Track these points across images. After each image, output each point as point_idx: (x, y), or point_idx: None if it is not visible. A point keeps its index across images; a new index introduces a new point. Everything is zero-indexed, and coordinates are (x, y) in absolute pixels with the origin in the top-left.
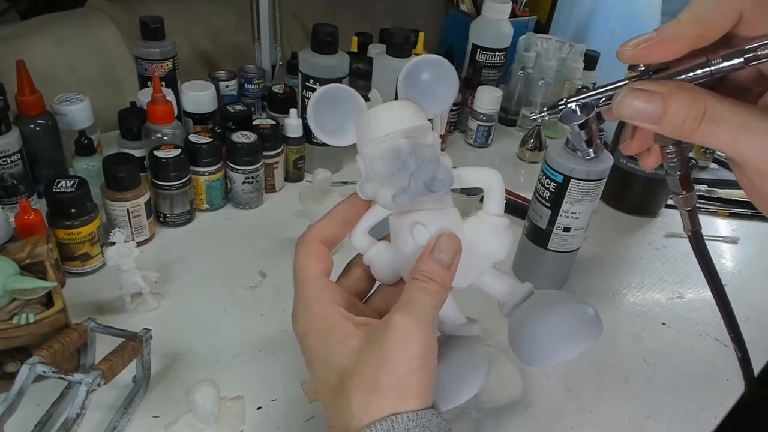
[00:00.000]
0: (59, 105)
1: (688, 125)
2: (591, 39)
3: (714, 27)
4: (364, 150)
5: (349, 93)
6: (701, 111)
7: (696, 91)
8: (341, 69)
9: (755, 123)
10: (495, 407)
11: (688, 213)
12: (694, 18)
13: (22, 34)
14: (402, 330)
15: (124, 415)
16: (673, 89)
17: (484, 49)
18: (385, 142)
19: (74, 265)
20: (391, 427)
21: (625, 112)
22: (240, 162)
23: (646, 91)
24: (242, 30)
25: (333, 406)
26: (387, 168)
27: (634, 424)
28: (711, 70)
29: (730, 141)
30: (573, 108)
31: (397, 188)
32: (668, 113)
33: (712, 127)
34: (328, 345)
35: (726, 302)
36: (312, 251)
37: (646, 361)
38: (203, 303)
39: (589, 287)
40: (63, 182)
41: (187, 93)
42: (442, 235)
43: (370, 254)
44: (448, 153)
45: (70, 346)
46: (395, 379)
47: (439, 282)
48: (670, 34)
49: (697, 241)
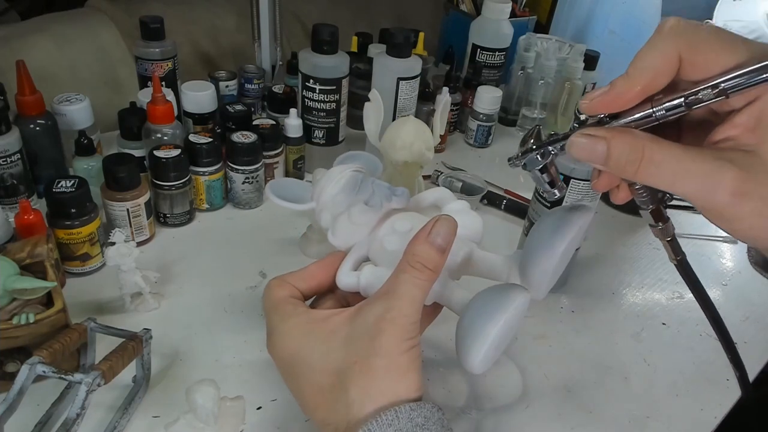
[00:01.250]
0: (59, 105)
1: (629, 167)
2: (591, 39)
3: (658, 75)
4: (326, 202)
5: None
6: (639, 155)
7: (636, 136)
8: (341, 69)
9: (691, 165)
10: (495, 407)
11: (668, 243)
12: (640, 70)
13: (22, 34)
14: (385, 320)
15: (124, 415)
16: (615, 134)
17: (484, 49)
18: (340, 182)
19: (74, 265)
20: (395, 417)
21: (576, 154)
22: (240, 162)
23: (592, 136)
24: (242, 30)
25: (328, 406)
26: (347, 195)
27: (634, 424)
28: (656, 116)
29: (669, 182)
30: (537, 156)
31: (364, 199)
32: (611, 156)
33: (651, 169)
34: (314, 347)
35: (722, 326)
36: (277, 284)
37: (646, 361)
38: (203, 303)
39: (589, 287)
40: (63, 182)
41: (187, 93)
42: (439, 218)
43: (364, 280)
44: (447, 153)
45: (70, 346)
46: (389, 361)
47: (431, 268)
48: (622, 88)
49: (684, 269)
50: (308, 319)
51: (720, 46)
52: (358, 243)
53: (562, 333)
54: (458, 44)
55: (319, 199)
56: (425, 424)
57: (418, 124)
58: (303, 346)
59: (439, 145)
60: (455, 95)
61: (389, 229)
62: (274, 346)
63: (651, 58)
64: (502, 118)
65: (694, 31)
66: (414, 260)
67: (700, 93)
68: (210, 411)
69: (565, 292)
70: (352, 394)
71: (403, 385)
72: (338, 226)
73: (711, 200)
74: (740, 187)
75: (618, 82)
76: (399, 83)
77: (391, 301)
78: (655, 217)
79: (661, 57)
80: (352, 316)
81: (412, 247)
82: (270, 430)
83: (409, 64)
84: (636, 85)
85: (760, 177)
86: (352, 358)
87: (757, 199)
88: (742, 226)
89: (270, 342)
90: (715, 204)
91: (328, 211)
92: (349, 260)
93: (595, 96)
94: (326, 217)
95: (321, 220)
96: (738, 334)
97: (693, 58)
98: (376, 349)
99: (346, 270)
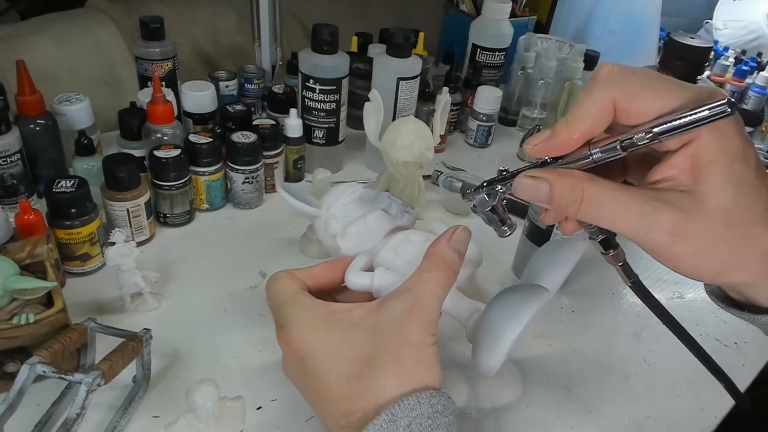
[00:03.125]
0: (59, 105)
1: (570, 207)
2: (591, 39)
3: (596, 123)
4: (336, 211)
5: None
6: (579, 195)
7: (575, 177)
8: (341, 69)
9: (628, 205)
10: (495, 407)
11: (621, 267)
12: (579, 118)
13: (22, 34)
14: (413, 314)
15: (124, 415)
16: (556, 177)
17: (484, 49)
18: (354, 193)
19: (74, 265)
20: (417, 402)
21: (521, 194)
22: (240, 162)
23: (535, 178)
24: (242, 30)
25: (356, 394)
26: (362, 204)
27: (634, 424)
28: (593, 159)
29: (609, 221)
30: (485, 197)
31: (381, 207)
32: (553, 196)
33: (591, 208)
34: (338, 337)
35: (689, 337)
36: (287, 277)
37: (646, 361)
38: (203, 303)
39: (589, 287)
40: (63, 182)
41: (187, 93)
42: (458, 227)
43: (378, 281)
44: (447, 153)
45: (70, 346)
46: (419, 352)
47: (453, 268)
48: (562, 135)
49: (640, 289)
50: (329, 310)
51: (653, 92)
52: (366, 249)
53: (562, 333)
54: (458, 44)
55: (329, 207)
56: (443, 411)
57: (418, 124)
58: (327, 338)
59: (439, 145)
60: (455, 95)
61: (403, 238)
62: (291, 338)
63: (587, 106)
64: (502, 118)
65: (628, 79)
66: (438, 260)
67: (634, 137)
68: (210, 411)
69: (565, 292)
70: (382, 381)
71: (430, 375)
72: (352, 231)
73: (649, 239)
74: (676, 228)
75: (559, 128)
76: (399, 83)
77: (416, 296)
78: (604, 246)
79: (596, 106)
80: (376, 309)
81: (435, 249)
82: (270, 430)
83: (409, 64)
84: (575, 132)
85: (697, 217)
86: (383, 348)
87: (694, 238)
88: (682, 264)
89: (285, 334)
90: (653, 243)
91: (337, 220)
92: (359, 263)
93: (538, 141)
94: (334, 225)
95: (329, 227)
96: (738, 334)
97: (627, 106)
98: (406, 341)
99: (357, 271)
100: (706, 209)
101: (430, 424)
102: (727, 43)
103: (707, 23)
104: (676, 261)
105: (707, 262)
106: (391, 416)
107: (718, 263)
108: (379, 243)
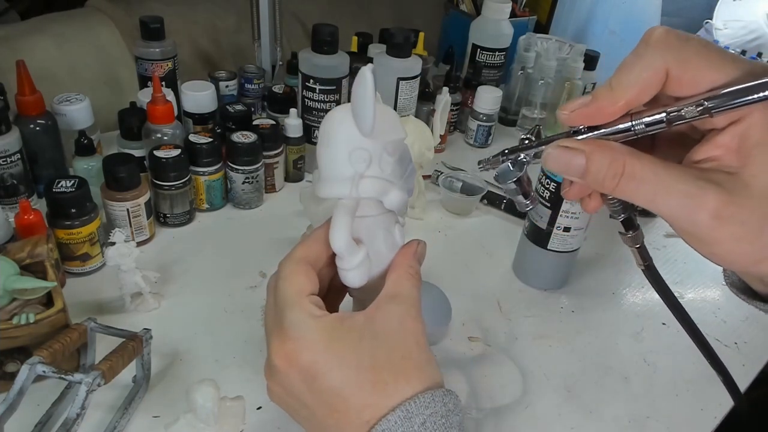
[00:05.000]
0: (59, 105)
1: (609, 182)
2: (591, 39)
3: (644, 90)
4: (378, 145)
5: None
6: (620, 170)
7: (616, 150)
8: (341, 69)
9: (673, 183)
10: (495, 407)
11: (637, 249)
12: (624, 84)
13: (22, 34)
14: (411, 319)
15: (124, 415)
16: (594, 148)
17: (484, 49)
18: (402, 145)
19: (74, 265)
20: (431, 399)
21: (552, 166)
22: (240, 162)
23: (570, 149)
24: (242, 30)
25: (374, 401)
26: (400, 170)
27: (634, 424)
28: (635, 131)
29: (649, 199)
30: (509, 166)
31: (405, 189)
32: (590, 170)
33: (632, 185)
34: (346, 348)
35: (696, 329)
36: (299, 271)
37: (646, 361)
38: (203, 303)
39: (589, 287)
40: (63, 182)
41: (187, 93)
42: (420, 243)
43: (356, 261)
44: (447, 153)
45: (70, 346)
46: (428, 355)
47: (419, 278)
48: (605, 101)
49: (652, 274)
50: (337, 319)
51: (709, 62)
52: (350, 206)
53: (562, 333)
54: (458, 44)
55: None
56: (455, 409)
57: (418, 124)
58: (340, 350)
59: (439, 145)
60: (455, 95)
61: (391, 226)
62: (300, 356)
63: (637, 71)
64: (502, 118)
65: (684, 45)
66: (414, 271)
67: (683, 110)
68: (210, 411)
69: (565, 292)
70: (407, 386)
71: (438, 375)
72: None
73: (691, 221)
74: (722, 210)
75: (600, 94)
76: (399, 83)
77: (406, 303)
78: (626, 226)
79: (649, 71)
80: (372, 318)
81: (409, 260)
82: (270, 430)
83: (409, 64)
84: (619, 100)
85: (742, 200)
86: (398, 353)
87: (737, 223)
88: (720, 250)
89: (290, 350)
90: (695, 226)
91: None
92: (349, 220)
93: (575, 107)
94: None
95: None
96: (738, 334)
97: (681, 74)
98: (416, 344)
99: (348, 235)
100: (752, 193)
101: (444, 422)
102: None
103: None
104: (715, 246)
105: (747, 249)
106: (406, 413)
107: (757, 251)
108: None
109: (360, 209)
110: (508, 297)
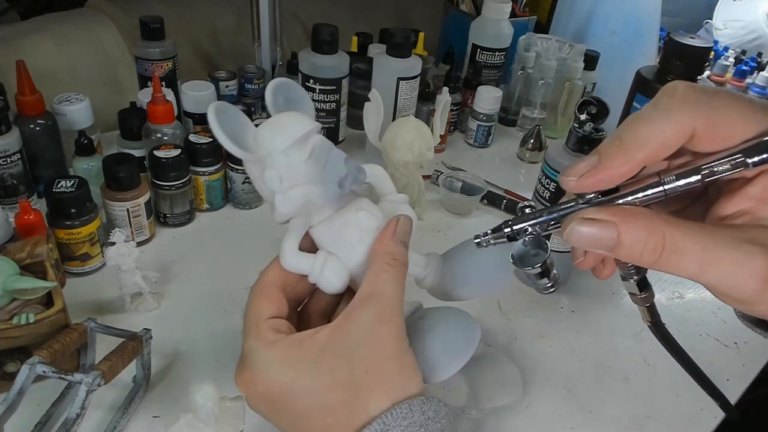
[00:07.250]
0: (59, 105)
1: (648, 257)
2: (591, 39)
3: (665, 146)
4: (278, 159)
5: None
6: (660, 243)
7: (651, 220)
8: (341, 69)
9: (718, 252)
10: (495, 407)
11: (647, 308)
12: (642, 139)
13: (22, 34)
14: (384, 322)
15: (124, 415)
16: (626, 218)
17: (484, 49)
18: (306, 144)
19: (74, 265)
20: (409, 410)
21: (578, 242)
22: (240, 162)
23: (598, 222)
24: (242, 30)
25: (344, 422)
26: (315, 167)
27: (634, 424)
28: (665, 189)
29: (696, 272)
30: (524, 244)
31: (334, 179)
32: (623, 244)
33: (674, 258)
34: (308, 370)
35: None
36: (265, 294)
37: (646, 361)
38: (203, 303)
39: (589, 287)
40: (63, 182)
41: (187, 93)
42: (400, 218)
43: (318, 267)
44: (447, 153)
45: (70, 346)
46: (399, 362)
47: (403, 262)
48: (617, 160)
49: (659, 330)
50: (295, 341)
51: (741, 115)
52: (299, 220)
53: (562, 333)
54: (458, 44)
55: (270, 153)
56: (435, 417)
57: (418, 124)
58: (297, 373)
59: (439, 145)
60: (455, 95)
61: (353, 219)
62: (256, 383)
63: (659, 126)
64: (502, 118)
65: (712, 99)
66: (390, 258)
67: (717, 166)
68: (210, 411)
69: (565, 292)
70: (371, 402)
71: (413, 383)
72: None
73: (739, 289)
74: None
75: (610, 153)
76: (399, 83)
77: (381, 302)
78: (640, 288)
79: (675, 126)
80: (340, 327)
81: (385, 246)
82: (270, 430)
83: (409, 64)
84: (634, 158)
85: None
86: (362, 367)
87: None
88: (763, 309)
89: (247, 378)
90: (743, 293)
91: (276, 171)
92: (295, 239)
93: (581, 171)
94: (273, 176)
95: (267, 178)
96: (738, 335)
97: (711, 130)
98: (384, 354)
99: (296, 250)
100: None
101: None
102: (727, 43)
103: (707, 23)
104: (758, 306)
105: None
106: (383, 426)
107: None
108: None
109: (314, 217)
110: (508, 297)
